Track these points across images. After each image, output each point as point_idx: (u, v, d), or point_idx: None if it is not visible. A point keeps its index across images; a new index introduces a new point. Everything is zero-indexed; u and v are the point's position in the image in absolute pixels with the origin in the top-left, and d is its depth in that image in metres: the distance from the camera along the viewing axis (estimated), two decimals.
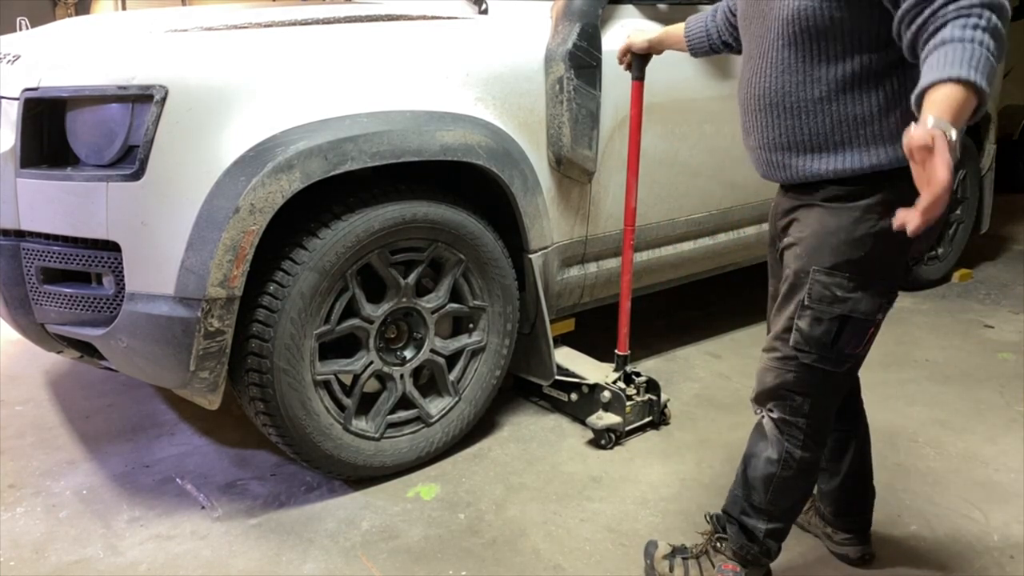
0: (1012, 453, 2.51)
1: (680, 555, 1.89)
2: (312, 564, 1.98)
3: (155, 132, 1.85)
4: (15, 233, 2.03)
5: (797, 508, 1.80)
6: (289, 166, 1.91)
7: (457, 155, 2.17)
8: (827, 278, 1.58)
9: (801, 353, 1.63)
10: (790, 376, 1.66)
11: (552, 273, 2.54)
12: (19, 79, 2.01)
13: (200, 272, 1.88)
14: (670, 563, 1.88)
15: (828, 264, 1.57)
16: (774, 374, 1.68)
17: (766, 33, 1.58)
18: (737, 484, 1.81)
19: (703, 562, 1.85)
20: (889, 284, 1.61)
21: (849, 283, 1.57)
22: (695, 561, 1.86)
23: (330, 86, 2.03)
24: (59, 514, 2.16)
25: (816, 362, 1.63)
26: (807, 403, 1.67)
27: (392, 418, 2.31)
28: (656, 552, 1.91)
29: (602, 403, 2.51)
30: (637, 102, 2.33)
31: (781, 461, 1.71)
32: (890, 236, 1.49)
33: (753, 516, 1.78)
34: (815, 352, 1.62)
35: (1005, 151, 5.44)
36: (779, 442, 1.71)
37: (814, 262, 1.59)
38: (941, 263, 4.05)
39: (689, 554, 1.88)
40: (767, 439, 1.73)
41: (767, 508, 1.76)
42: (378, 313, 2.21)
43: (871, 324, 1.61)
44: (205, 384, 2.00)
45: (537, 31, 2.41)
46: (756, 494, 1.76)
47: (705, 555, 1.86)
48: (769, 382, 1.70)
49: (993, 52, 1.29)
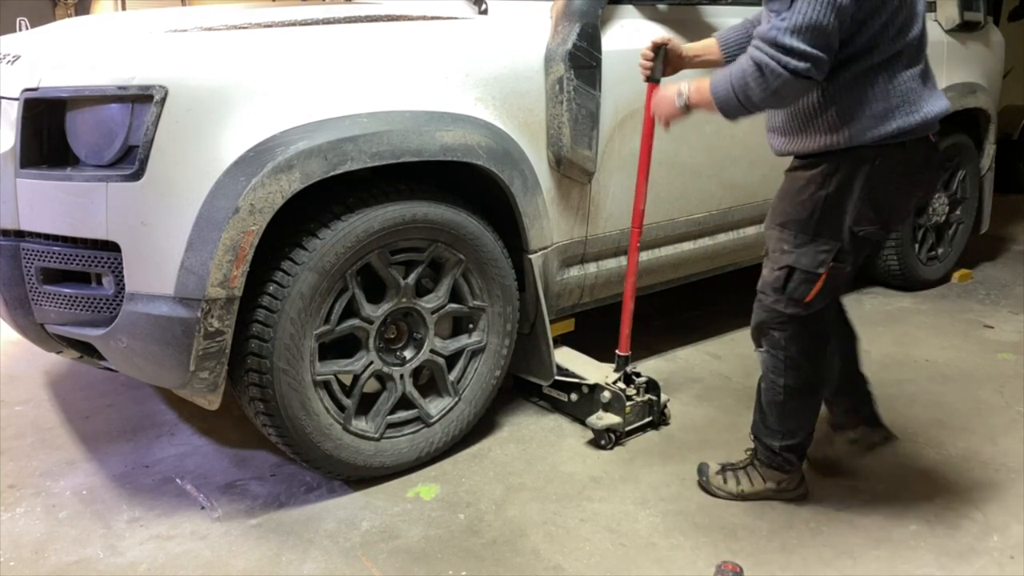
0: (1012, 453, 2.51)
1: (729, 470, 2.23)
2: (312, 564, 1.98)
3: (155, 132, 1.85)
4: (15, 233, 2.03)
5: (804, 427, 2.14)
6: (289, 166, 1.91)
7: (457, 155, 2.17)
8: (778, 233, 1.97)
9: (763, 295, 2.02)
10: (763, 315, 2.04)
11: (552, 273, 2.54)
12: (19, 79, 2.01)
13: (200, 272, 1.88)
14: (723, 477, 2.23)
15: (779, 221, 1.97)
16: (755, 314, 2.07)
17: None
18: (756, 409, 2.17)
19: (750, 471, 2.21)
20: (829, 244, 1.92)
21: (794, 239, 1.93)
22: (743, 472, 2.22)
23: (330, 86, 2.03)
24: (59, 514, 2.16)
25: (774, 304, 1.99)
26: (783, 338, 2.02)
27: (392, 418, 2.31)
28: (709, 470, 2.24)
29: (602, 403, 2.51)
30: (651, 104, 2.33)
31: (773, 388, 2.08)
32: (827, 201, 1.89)
33: (768, 436, 2.15)
34: (771, 295, 1.99)
35: (1005, 151, 5.45)
36: (768, 372, 2.08)
37: (772, 220, 2.00)
38: (941, 263, 4.05)
39: (737, 467, 2.23)
40: (763, 368, 2.10)
41: (778, 428, 2.13)
42: (378, 313, 2.21)
43: (816, 276, 1.93)
44: (205, 384, 2.00)
45: (537, 31, 2.41)
46: (767, 417, 2.13)
47: (751, 466, 2.21)
48: (753, 321, 2.08)
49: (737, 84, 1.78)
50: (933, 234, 3.98)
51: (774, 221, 1.99)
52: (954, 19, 3.65)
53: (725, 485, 2.22)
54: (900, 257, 3.81)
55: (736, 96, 1.80)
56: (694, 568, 1.98)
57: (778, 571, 1.97)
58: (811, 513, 2.19)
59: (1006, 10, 5.83)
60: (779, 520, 2.16)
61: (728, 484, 2.22)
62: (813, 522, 2.16)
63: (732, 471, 2.23)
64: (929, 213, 3.91)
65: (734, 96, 1.80)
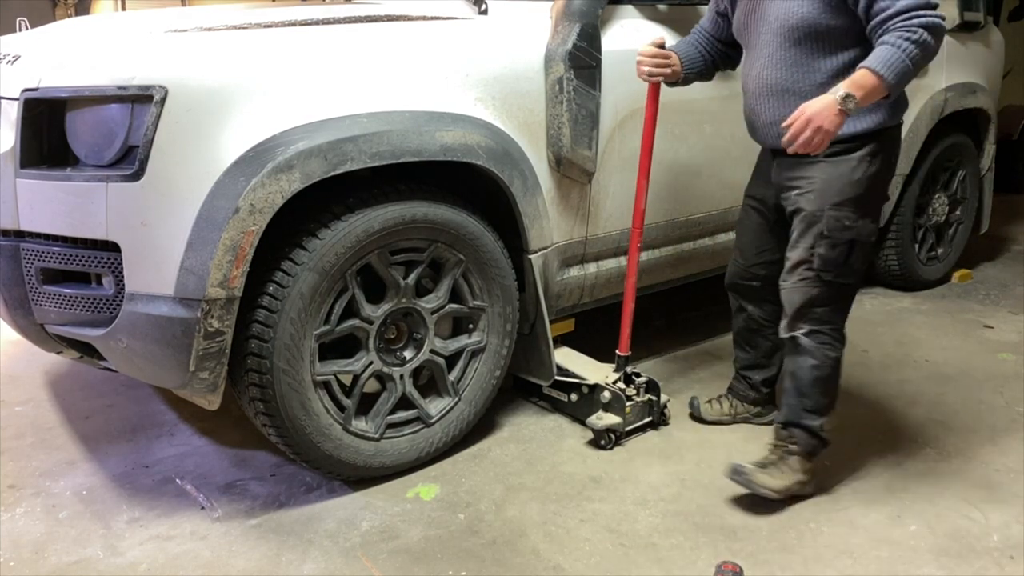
0: (1012, 453, 2.51)
1: (768, 464, 2.23)
2: (312, 564, 1.98)
3: (155, 132, 1.85)
4: (15, 233, 2.03)
5: (834, 400, 2.25)
6: (289, 166, 1.91)
7: (457, 155, 2.17)
8: (837, 212, 2.09)
9: (823, 272, 2.11)
10: (815, 291, 2.13)
11: (552, 273, 2.54)
12: (19, 79, 2.01)
13: (200, 272, 1.88)
14: (773, 477, 2.20)
15: (836, 201, 2.09)
16: (801, 293, 2.15)
17: (771, 36, 2.10)
18: (789, 396, 2.23)
19: (789, 462, 2.23)
20: (876, 213, 2.20)
21: (853, 214, 2.09)
22: (783, 463, 2.23)
23: (330, 87, 2.03)
24: (59, 514, 2.16)
25: (835, 278, 2.12)
26: (827, 312, 2.15)
27: (392, 418, 2.31)
28: (749, 469, 2.20)
29: (602, 403, 2.51)
30: (653, 102, 2.35)
31: (824, 363, 2.17)
32: (874, 178, 2.11)
33: (810, 417, 2.21)
34: (833, 270, 2.11)
35: (1005, 151, 5.45)
36: (816, 349, 2.16)
37: (826, 202, 2.09)
38: (941, 263, 4.05)
39: (771, 462, 2.23)
40: (806, 352, 2.17)
41: (820, 406, 2.21)
42: (378, 313, 2.21)
43: (869, 244, 2.15)
44: (205, 384, 2.00)
45: (537, 31, 2.41)
46: (807, 399, 2.20)
47: (783, 460, 2.23)
48: (798, 301, 2.16)
49: (913, 58, 1.86)
50: (933, 234, 3.98)
51: (826, 202, 2.09)
52: (954, 19, 3.65)
53: (772, 482, 2.20)
54: (900, 257, 3.81)
55: (915, 69, 1.89)
56: (694, 568, 1.98)
57: (778, 571, 1.97)
58: (811, 513, 2.19)
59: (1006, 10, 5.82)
60: (779, 520, 2.16)
61: (774, 480, 2.20)
62: (813, 522, 2.16)
63: (776, 469, 2.22)
64: (929, 213, 3.91)
65: (913, 71, 1.89)
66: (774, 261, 2.36)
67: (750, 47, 2.21)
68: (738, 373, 2.65)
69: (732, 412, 2.64)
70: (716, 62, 2.41)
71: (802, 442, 2.23)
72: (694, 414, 2.65)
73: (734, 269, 2.50)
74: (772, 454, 2.26)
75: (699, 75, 2.40)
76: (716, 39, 2.38)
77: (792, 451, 2.23)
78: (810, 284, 2.14)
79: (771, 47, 2.11)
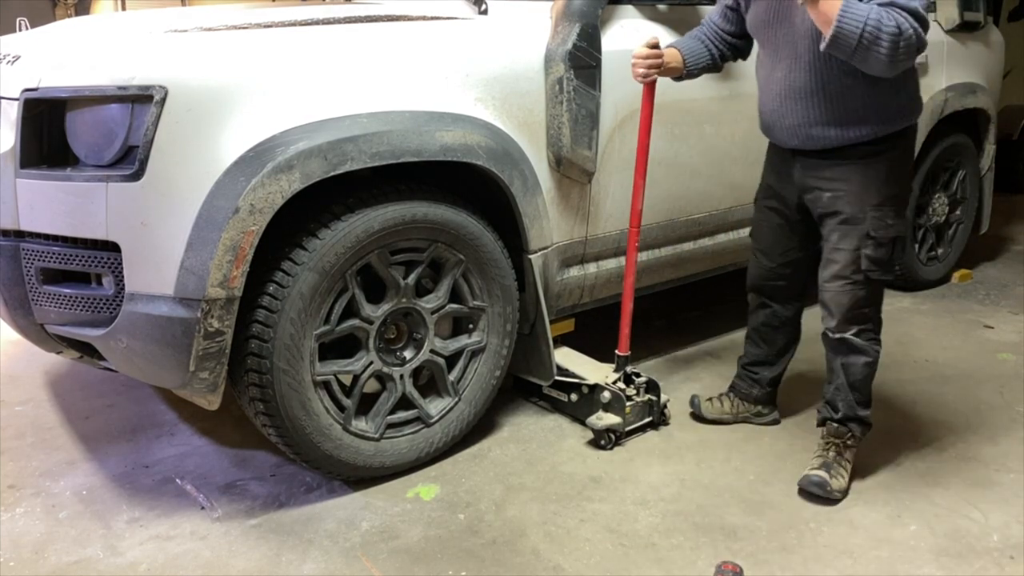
0: (1012, 453, 2.51)
1: (832, 466, 2.27)
2: (312, 564, 1.98)
3: (155, 132, 1.85)
4: (15, 234, 2.03)
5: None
6: (289, 166, 1.91)
7: (457, 155, 2.17)
8: (879, 212, 2.15)
9: (872, 272, 2.16)
10: (862, 293, 2.19)
11: (552, 273, 2.54)
12: (19, 79, 2.01)
13: (200, 272, 1.88)
14: (838, 480, 2.25)
15: (876, 202, 2.15)
16: (849, 295, 2.20)
17: (798, 38, 2.09)
18: (841, 392, 2.30)
19: (847, 455, 2.31)
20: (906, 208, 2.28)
21: (893, 212, 2.16)
22: (842, 459, 2.30)
23: (330, 87, 2.03)
24: (59, 514, 2.16)
25: (881, 276, 2.18)
26: (872, 310, 2.24)
27: (392, 418, 2.31)
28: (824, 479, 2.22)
29: (602, 403, 2.51)
30: (648, 102, 2.35)
31: (872, 360, 2.28)
32: (904, 175, 2.21)
33: (862, 408, 2.31)
34: (880, 269, 2.17)
35: (1005, 151, 5.45)
36: (868, 347, 2.26)
37: (867, 203, 2.15)
38: (941, 263, 4.05)
39: (834, 462, 2.28)
40: (859, 351, 2.25)
41: (867, 399, 2.32)
42: (378, 313, 2.21)
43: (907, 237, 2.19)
44: (205, 384, 2.00)
45: (537, 31, 2.41)
46: (858, 393, 2.29)
47: (841, 455, 2.30)
48: (847, 303, 2.21)
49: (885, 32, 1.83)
50: (933, 234, 3.97)
51: (867, 204, 2.14)
52: (954, 19, 3.65)
53: (840, 484, 2.24)
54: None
55: (862, 39, 1.85)
56: (694, 568, 1.98)
57: (778, 571, 1.97)
58: (811, 513, 2.19)
59: (1006, 10, 5.83)
60: (779, 520, 2.16)
61: (844, 479, 2.26)
62: (813, 522, 2.16)
63: (837, 465, 2.27)
64: (929, 213, 3.91)
65: (858, 37, 1.84)
66: (799, 259, 2.42)
67: (770, 46, 2.20)
68: (744, 370, 2.65)
69: (733, 411, 2.64)
70: (724, 55, 2.41)
71: (858, 433, 2.33)
72: (695, 412, 2.65)
73: (759, 272, 2.50)
74: (828, 452, 2.30)
75: (705, 69, 2.40)
76: (725, 32, 2.38)
77: (851, 444, 2.31)
78: (858, 285, 2.18)
79: (799, 48, 2.10)
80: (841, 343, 2.26)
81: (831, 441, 2.32)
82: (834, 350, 2.29)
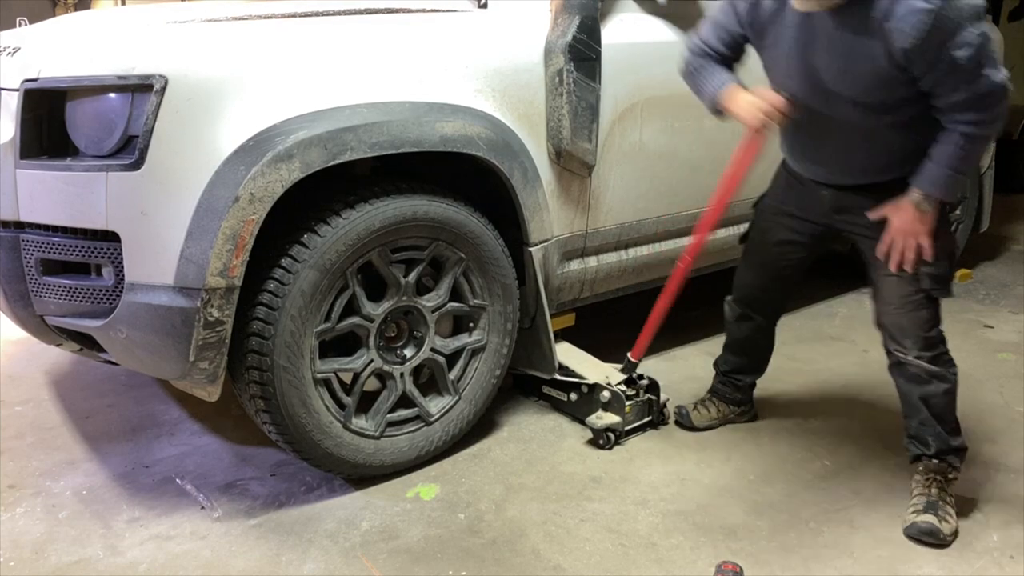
0: (1012, 453, 2.50)
1: (939, 507, 2.12)
2: (312, 564, 1.98)
3: (155, 122, 1.84)
4: (15, 224, 2.01)
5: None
6: (289, 155, 1.90)
7: (457, 146, 2.16)
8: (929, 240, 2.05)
9: (933, 290, 2.08)
10: (924, 312, 2.10)
11: (552, 267, 2.53)
12: (19, 70, 2.00)
13: (200, 262, 1.88)
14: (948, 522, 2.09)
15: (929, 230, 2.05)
16: (910, 318, 2.11)
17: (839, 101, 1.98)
18: (927, 427, 2.17)
19: (949, 490, 2.17)
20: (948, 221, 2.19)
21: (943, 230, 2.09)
22: (948, 497, 2.16)
23: (329, 77, 2.02)
24: (59, 514, 2.15)
25: (941, 293, 2.10)
26: (935, 330, 2.13)
27: (392, 417, 2.30)
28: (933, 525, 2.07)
29: (601, 403, 2.51)
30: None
31: (952, 386, 2.15)
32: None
33: (953, 437, 2.18)
34: (941, 285, 2.10)
35: (1005, 151, 5.44)
36: (942, 373, 2.13)
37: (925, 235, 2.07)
38: None
39: (940, 501, 2.14)
40: (937, 378, 2.13)
41: (955, 426, 2.19)
42: (378, 311, 2.20)
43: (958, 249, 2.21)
44: (204, 375, 1.99)
45: (536, 24, 2.40)
46: (946, 423, 2.16)
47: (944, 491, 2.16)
48: (908, 325, 2.12)
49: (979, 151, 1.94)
50: None
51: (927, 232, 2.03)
52: None
53: (951, 527, 2.10)
54: None
55: (965, 175, 2.00)
56: (694, 568, 1.97)
57: (778, 571, 1.97)
58: (811, 513, 2.19)
59: (1006, 10, 5.83)
60: (779, 520, 2.16)
61: (952, 522, 2.11)
62: (813, 522, 2.15)
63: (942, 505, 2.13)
64: None
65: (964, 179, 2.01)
66: (793, 277, 2.40)
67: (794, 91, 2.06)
68: (726, 376, 2.62)
69: (720, 415, 2.63)
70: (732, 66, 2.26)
71: (957, 464, 2.20)
72: (683, 423, 2.61)
73: (750, 283, 2.46)
74: (931, 489, 2.16)
75: None
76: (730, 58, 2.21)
77: (952, 478, 2.18)
78: (919, 306, 2.10)
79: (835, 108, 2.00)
80: (913, 372, 2.15)
81: (931, 477, 2.18)
82: (910, 380, 2.17)
